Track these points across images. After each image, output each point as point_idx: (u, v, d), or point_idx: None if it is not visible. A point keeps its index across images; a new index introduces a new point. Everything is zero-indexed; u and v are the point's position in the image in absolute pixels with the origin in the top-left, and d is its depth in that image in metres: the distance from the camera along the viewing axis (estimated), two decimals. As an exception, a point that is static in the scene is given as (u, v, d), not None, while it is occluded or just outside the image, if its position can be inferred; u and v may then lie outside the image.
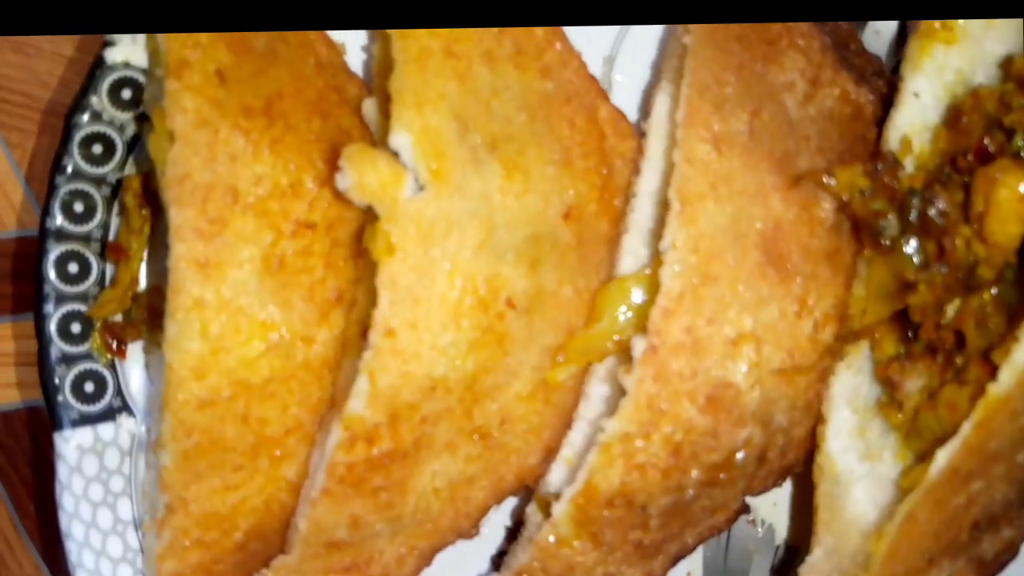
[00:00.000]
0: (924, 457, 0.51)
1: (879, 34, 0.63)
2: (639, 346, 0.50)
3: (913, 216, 0.48)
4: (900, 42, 0.62)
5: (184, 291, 0.49)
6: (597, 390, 0.56)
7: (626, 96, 0.62)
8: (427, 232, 0.51)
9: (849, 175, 0.50)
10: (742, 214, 0.51)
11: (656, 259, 0.53)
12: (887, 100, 0.56)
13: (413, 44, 0.51)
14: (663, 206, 0.57)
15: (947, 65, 0.53)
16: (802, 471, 0.57)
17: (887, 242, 0.49)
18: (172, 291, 0.49)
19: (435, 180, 0.51)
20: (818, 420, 0.54)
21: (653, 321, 0.49)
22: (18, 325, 0.68)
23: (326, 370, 0.54)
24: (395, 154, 0.51)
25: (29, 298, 0.67)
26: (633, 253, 0.56)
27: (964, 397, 0.46)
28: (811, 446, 0.55)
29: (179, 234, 0.48)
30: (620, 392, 0.55)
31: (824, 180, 0.50)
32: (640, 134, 0.58)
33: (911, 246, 0.49)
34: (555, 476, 0.57)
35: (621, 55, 0.63)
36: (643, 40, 0.63)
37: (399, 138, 0.50)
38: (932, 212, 0.47)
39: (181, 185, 0.48)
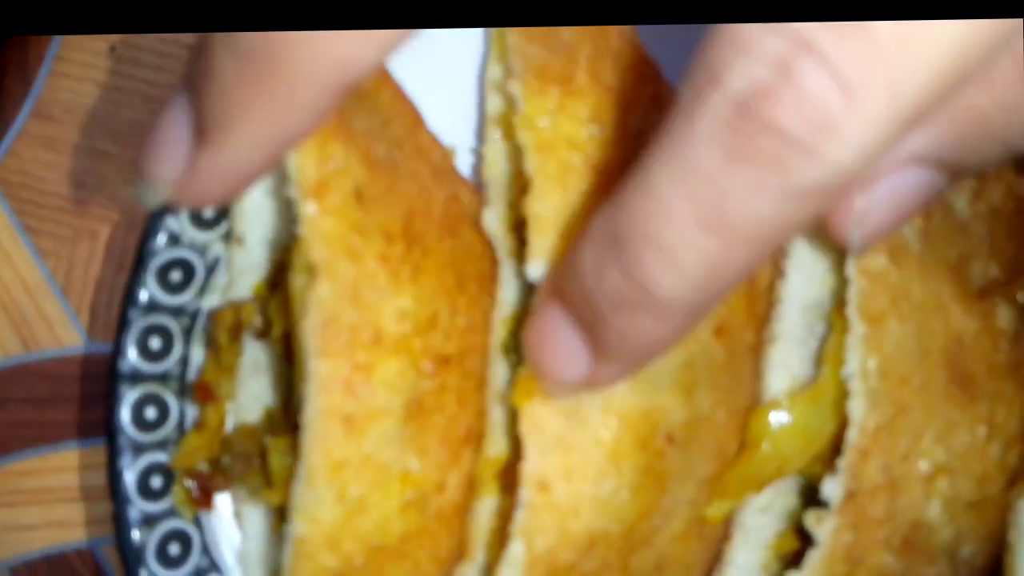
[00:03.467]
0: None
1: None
2: (834, 492, 0.45)
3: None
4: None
5: (325, 452, 0.41)
6: (753, 519, 0.51)
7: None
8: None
9: (1046, 288, 0.46)
10: (924, 331, 0.46)
11: (827, 380, 0.48)
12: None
13: (552, 160, 0.45)
14: (813, 312, 0.52)
15: (1121, 158, 0.49)
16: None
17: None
18: (309, 453, 0.41)
19: (585, 308, 0.45)
20: (1004, 549, 0.49)
21: (849, 464, 0.44)
22: (85, 453, 0.59)
23: (456, 516, 0.48)
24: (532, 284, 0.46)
25: (86, 424, 0.60)
26: (784, 366, 0.51)
27: None
28: (991, 571, 0.51)
29: (325, 387, 0.41)
30: (790, 526, 0.50)
31: (1018, 297, 0.46)
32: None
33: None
34: (711, 618, 0.51)
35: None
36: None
37: (537, 267, 0.44)
38: None
39: (326, 330, 0.41)
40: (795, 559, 0.48)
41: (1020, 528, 0.49)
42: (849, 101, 0.25)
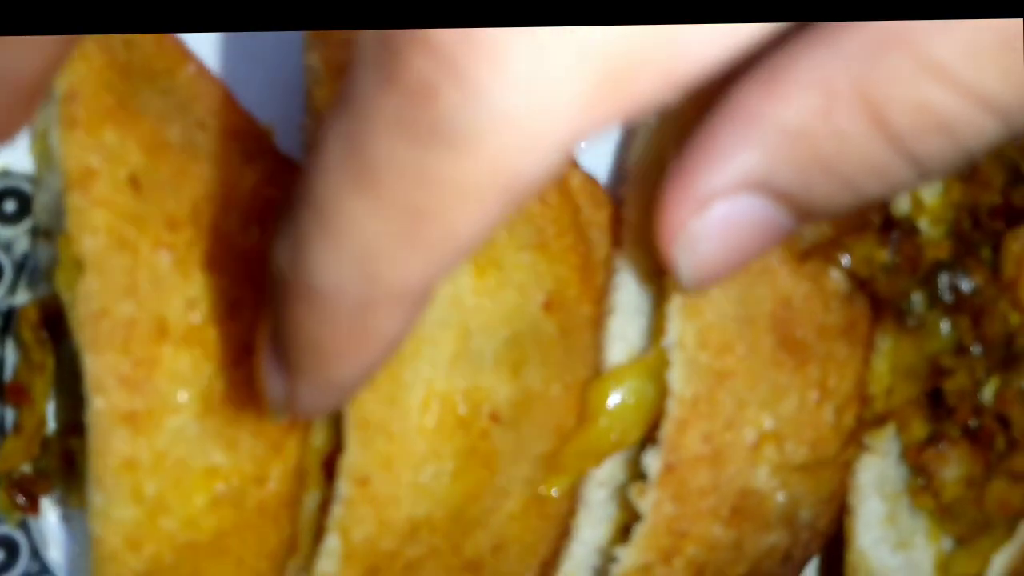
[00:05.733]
0: (964, 541, 0.47)
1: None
2: (653, 464, 0.44)
3: (943, 293, 0.44)
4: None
5: (109, 452, 0.40)
6: (596, 494, 0.50)
7: (592, 154, 0.55)
8: (395, 356, 0.43)
9: (865, 248, 0.44)
10: (749, 295, 0.45)
11: (655, 350, 0.47)
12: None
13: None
14: (650, 282, 0.51)
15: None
16: (825, 561, 0.52)
17: (914, 321, 0.44)
18: (95, 453, 0.40)
19: (397, 290, 0.44)
20: (844, 511, 0.49)
21: (667, 435, 0.43)
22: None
23: (283, 509, 0.47)
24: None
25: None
26: (622, 337, 0.50)
27: (1018, 495, 0.42)
28: (833, 532, 0.50)
29: (99, 385, 0.40)
30: (623, 499, 0.49)
31: (839, 258, 0.44)
32: (616, 200, 0.52)
33: (942, 325, 0.44)
34: (557, 597, 0.50)
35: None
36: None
37: None
38: (964, 287, 0.43)
39: (97, 324, 0.40)
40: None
41: (859, 489, 0.49)
42: None
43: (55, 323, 0.48)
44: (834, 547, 0.51)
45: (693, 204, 0.26)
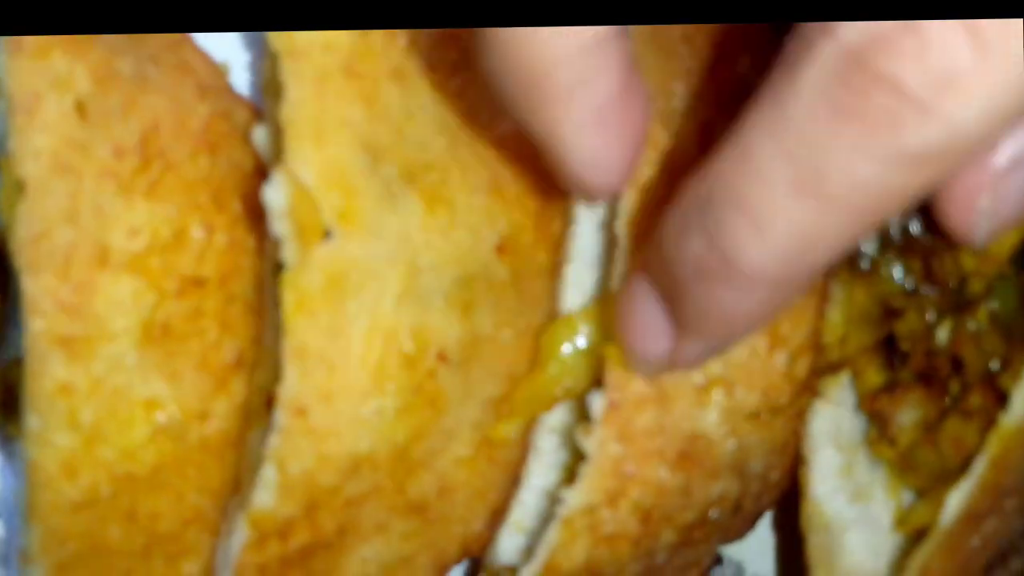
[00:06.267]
0: (924, 493, 0.46)
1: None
2: (598, 403, 0.43)
3: (894, 233, 0.43)
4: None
5: (45, 375, 0.40)
6: (547, 441, 0.49)
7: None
8: (338, 285, 0.43)
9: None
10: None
11: (604, 294, 0.47)
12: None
13: (306, 65, 0.43)
14: (608, 229, 0.51)
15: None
16: (781, 515, 0.51)
17: (866, 264, 0.44)
18: (31, 376, 0.40)
19: (343, 223, 0.43)
20: (799, 462, 0.48)
21: (612, 374, 0.43)
22: None
23: (227, 447, 0.46)
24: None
25: None
26: (577, 284, 0.49)
27: (972, 431, 0.41)
28: (787, 486, 0.50)
29: (36, 307, 0.39)
30: (574, 446, 0.49)
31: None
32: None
33: (894, 268, 0.43)
34: (506, 544, 0.50)
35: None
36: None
37: (279, 179, 0.42)
38: (914, 228, 0.42)
39: (36, 247, 0.40)
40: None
41: (812, 438, 0.48)
42: (983, 56, 0.23)
43: (1, 258, 0.48)
44: (790, 501, 0.50)
45: (994, 171, 0.30)
